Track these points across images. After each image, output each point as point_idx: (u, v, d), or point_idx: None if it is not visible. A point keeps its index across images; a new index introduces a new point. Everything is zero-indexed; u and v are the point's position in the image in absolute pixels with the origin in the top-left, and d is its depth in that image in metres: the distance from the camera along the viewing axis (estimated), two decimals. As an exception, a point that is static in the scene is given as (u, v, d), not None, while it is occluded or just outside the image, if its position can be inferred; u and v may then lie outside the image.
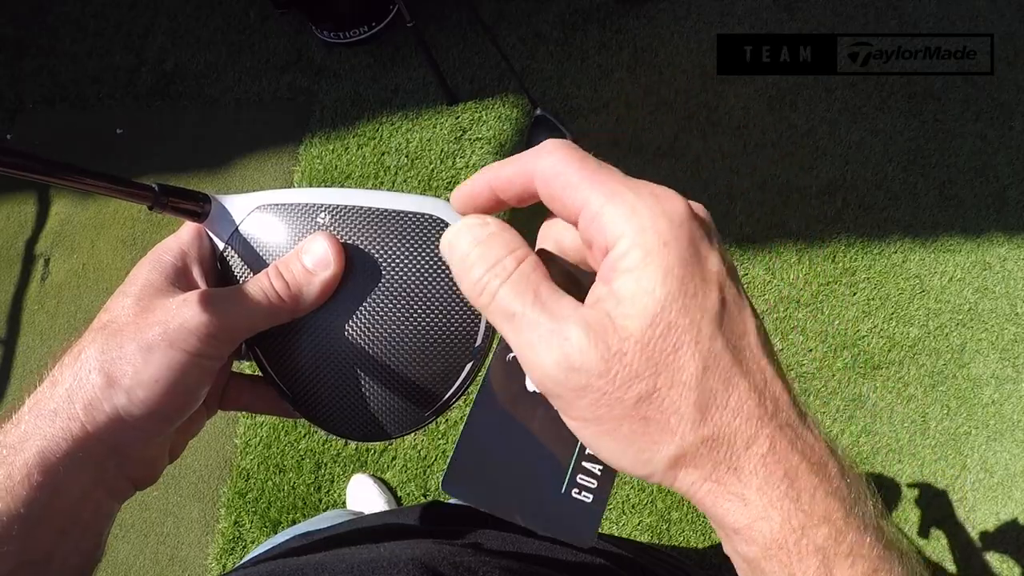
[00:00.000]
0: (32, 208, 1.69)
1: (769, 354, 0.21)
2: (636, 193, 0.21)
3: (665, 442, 0.20)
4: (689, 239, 0.20)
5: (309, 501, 1.35)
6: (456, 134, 1.61)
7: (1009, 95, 1.57)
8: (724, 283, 0.21)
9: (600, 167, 0.22)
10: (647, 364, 0.20)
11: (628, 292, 0.20)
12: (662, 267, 0.20)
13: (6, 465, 0.23)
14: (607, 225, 0.21)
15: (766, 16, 1.66)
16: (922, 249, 1.46)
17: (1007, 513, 1.28)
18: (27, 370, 1.54)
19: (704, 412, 0.20)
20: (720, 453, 0.20)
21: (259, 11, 1.80)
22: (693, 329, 0.20)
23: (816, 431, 0.21)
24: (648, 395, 0.20)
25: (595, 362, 0.20)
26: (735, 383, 0.20)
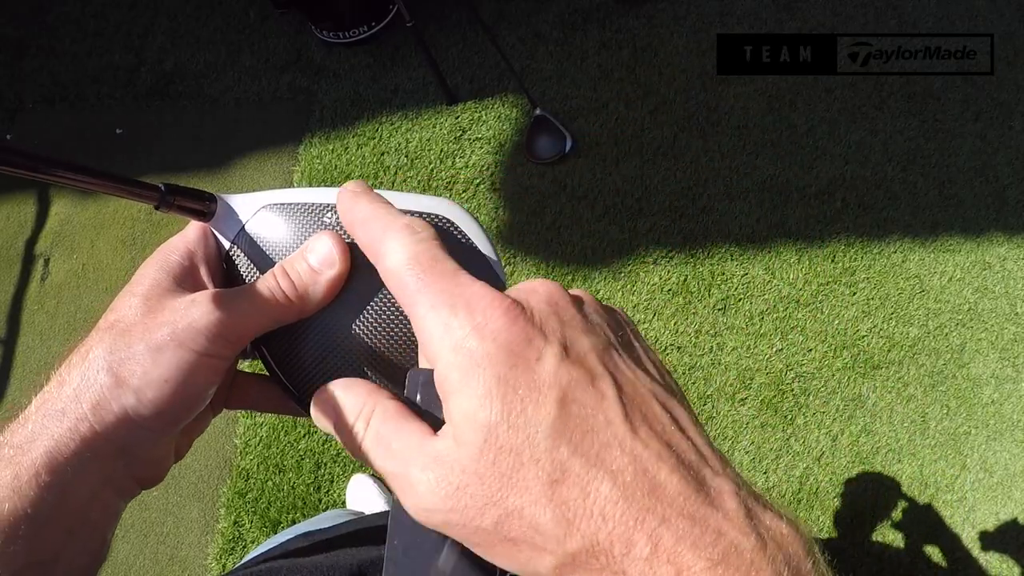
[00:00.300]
0: (32, 208, 1.69)
1: (649, 432, 0.19)
2: (451, 308, 0.20)
3: (538, 558, 0.19)
4: (508, 351, 0.19)
5: (309, 501, 1.35)
6: (456, 134, 1.61)
7: (1009, 95, 1.57)
8: (567, 379, 0.19)
9: (433, 265, 0.22)
10: (492, 491, 0.19)
11: (458, 416, 0.20)
12: (480, 389, 0.19)
13: (13, 465, 0.23)
14: (427, 342, 0.21)
15: (765, 16, 1.66)
16: (922, 249, 1.46)
17: (1007, 513, 1.28)
18: (27, 370, 1.54)
19: (568, 525, 0.18)
20: (601, 561, 0.18)
21: (259, 11, 1.80)
22: (528, 446, 0.19)
23: (729, 505, 0.18)
24: (505, 518, 0.19)
25: (442, 500, 0.20)
26: (595, 487, 0.18)
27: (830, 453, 1.33)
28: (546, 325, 0.20)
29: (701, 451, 0.20)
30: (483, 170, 1.58)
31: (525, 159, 1.57)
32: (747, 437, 1.35)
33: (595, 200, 1.53)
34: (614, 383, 0.20)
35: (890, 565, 1.26)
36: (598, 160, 1.56)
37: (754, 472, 1.33)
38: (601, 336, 0.21)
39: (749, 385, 1.38)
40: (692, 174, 1.53)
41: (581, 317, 0.22)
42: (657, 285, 1.46)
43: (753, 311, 1.43)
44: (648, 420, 0.20)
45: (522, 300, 0.21)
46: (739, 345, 1.41)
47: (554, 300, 0.22)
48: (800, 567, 0.18)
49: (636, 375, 0.21)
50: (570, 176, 1.55)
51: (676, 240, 1.49)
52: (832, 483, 1.31)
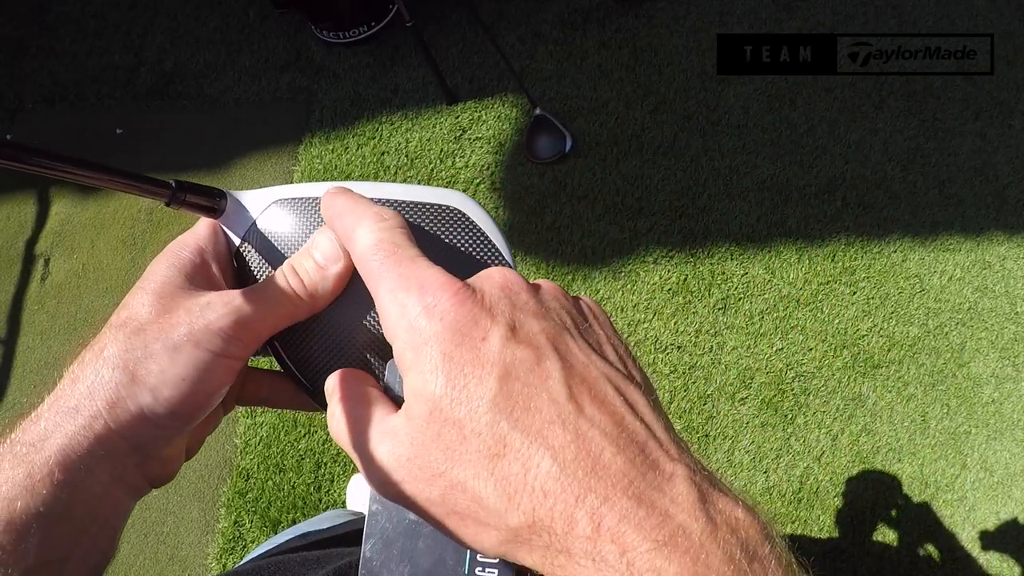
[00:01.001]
0: (32, 208, 1.69)
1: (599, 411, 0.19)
2: (406, 290, 0.21)
3: (484, 532, 0.20)
4: (454, 329, 0.20)
5: (309, 501, 1.35)
6: (456, 134, 1.61)
7: (1009, 94, 1.57)
8: (511, 358, 0.20)
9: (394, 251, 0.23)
10: (437, 462, 0.20)
11: (408, 392, 0.21)
12: (428, 365, 0.20)
13: (26, 463, 0.23)
14: (386, 322, 0.22)
15: (765, 15, 1.66)
16: (922, 248, 1.46)
17: (1007, 512, 1.28)
18: (27, 370, 1.54)
19: (509, 500, 0.19)
20: (543, 538, 0.18)
21: (258, 11, 1.80)
22: (470, 419, 0.19)
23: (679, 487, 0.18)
24: (450, 490, 0.20)
25: (394, 471, 0.20)
26: (535, 462, 0.18)
27: (830, 452, 1.33)
28: (495, 307, 0.21)
29: (656, 434, 0.19)
30: (483, 170, 1.58)
31: (525, 159, 1.57)
32: (747, 436, 1.35)
33: (595, 200, 1.53)
34: (561, 363, 0.20)
35: (890, 564, 1.26)
36: (598, 160, 1.56)
37: (754, 471, 1.33)
38: (554, 321, 0.22)
39: (749, 384, 1.38)
40: (692, 173, 1.53)
41: (535, 302, 0.22)
42: (657, 284, 1.46)
43: (753, 310, 1.43)
44: (597, 400, 0.20)
45: (475, 285, 0.22)
46: (739, 344, 1.41)
47: (508, 286, 0.22)
48: (756, 551, 0.17)
49: (590, 358, 0.21)
50: (570, 176, 1.55)
51: (676, 239, 1.49)
52: (832, 482, 1.31)
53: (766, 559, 0.17)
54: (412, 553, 0.24)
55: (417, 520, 0.24)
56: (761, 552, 0.18)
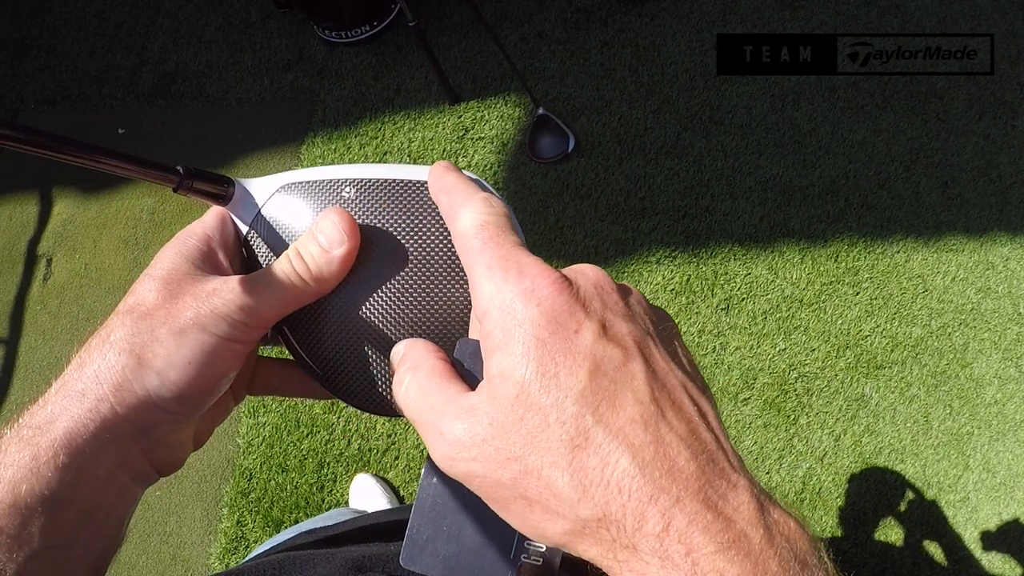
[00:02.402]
0: (34, 208, 1.69)
1: (677, 416, 0.20)
2: (504, 271, 0.22)
3: (550, 520, 0.20)
4: (550, 317, 0.20)
5: (312, 501, 1.35)
6: (459, 133, 1.61)
7: (1012, 94, 1.57)
8: (601, 354, 0.20)
9: (498, 235, 0.23)
10: (515, 446, 0.20)
11: (495, 372, 0.21)
12: (519, 348, 0.20)
13: (32, 446, 0.23)
14: (479, 300, 0.22)
15: (768, 15, 1.66)
16: (925, 249, 1.46)
17: (1009, 513, 1.28)
18: (29, 370, 1.54)
19: (583, 492, 0.19)
20: (612, 531, 0.19)
21: (260, 10, 1.80)
22: (556, 409, 0.19)
23: (742, 497, 0.19)
24: (523, 475, 0.20)
25: (467, 448, 0.20)
26: (614, 459, 0.19)
27: (833, 453, 1.33)
28: (589, 303, 0.21)
29: (722, 445, 0.20)
30: (486, 169, 1.57)
31: (528, 158, 1.57)
32: (750, 437, 1.35)
33: (598, 199, 1.53)
34: (646, 367, 0.21)
35: (893, 565, 1.26)
36: (601, 159, 1.56)
37: (757, 471, 1.33)
38: (640, 325, 0.22)
39: (752, 385, 1.38)
40: (695, 173, 1.53)
41: (623, 305, 0.22)
42: (660, 285, 1.46)
43: (756, 311, 1.43)
44: (675, 406, 0.20)
45: (571, 277, 0.22)
46: (742, 345, 1.41)
47: (600, 284, 0.23)
48: (807, 560, 0.19)
49: (669, 366, 0.21)
50: (573, 175, 1.55)
51: (679, 240, 1.49)
52: (835, 483, 1.31)
53: (815, 568, 0.19)
54: (460, 531, 0.24)
55: (470, 499, 0.24)
56: (811, 562, 0.19)
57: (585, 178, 1.54)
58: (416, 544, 0.24)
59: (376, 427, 1.38)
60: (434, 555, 0.24)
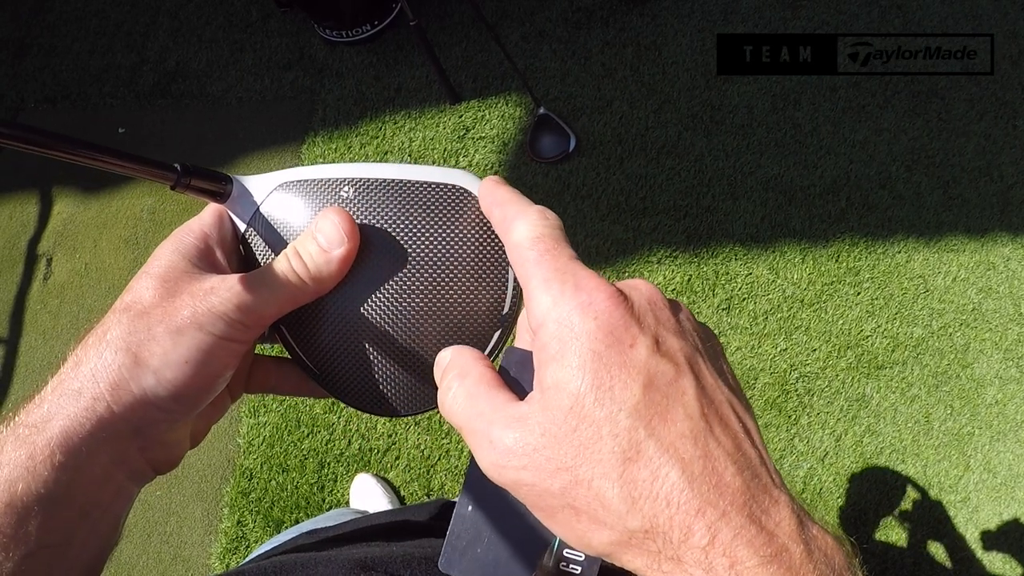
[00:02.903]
0: (35, 208, 1.69)
1: (724, 433, 0.20)
2: (562, 283, 0.22)
3: (597, 530, 0.20)
4: (606, 330, 0.21)
5: (312, 500, 1.35)
6: (459, 133, 1.61)
7: (1014, 94, 1.57)
8: (655, 369, 0.20)
9: (554, 247, 0.23)
10: (567, 456, 0.20)
11: (549, 383, 0.21)
12: (575, 360, 0.20)
13: (28, 445, 0.23)
14: (535, 312, 0.22)
15: (770, 15, 1.66)
16: (926, 249, 1.46)
17: (1010, 513, 1.28)
18: (30, 370, 1.54)
19: (632, 503, 0.19)
20: (658, 543, 0.19)
21: (261, 9, 1.80)
22: (609, 421, 0.20)
23: (783, 513, 0.19)
24: (573, 486, 0.20)
25: (518, 457, 0.21)
26: (664, 472, 0.19)
27: (834, 453, 1.33)
28: (643, 318, 0.22)
29: (765, 462, 0.21)
30: (487, 169, 1.57)
31: (529, 158, 1.56)
32: (751, 437, 1.35)
33: (599, 199, 1.52)
34: (696, 383, 0.21)
35: (894, 565, 1.26)
36: (602, 159, 1.56)
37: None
38: (690, 341, 0.22)
39: (753, 385, 1.38)
40: (696, 173, 1.53)
41: (675, 321, 0.23)
42: (661, 284, 1.46)
43: (757, 311, 1.43)
44: (723, 422, 0.21)
45: (626, 292, 0.22)
46: (743, 345, 1.41)
47: (654, 300, 0.23)
48: (842, 574, 0.19)
49: (717, 382, 0.22)
50: (574, 175, 1.55)
51: (680, 239, 1.48)
52: (836, 483, 1.31)
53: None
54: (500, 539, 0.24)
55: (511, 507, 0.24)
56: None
57: (586, 178, 1.54)
58: (456, 549, 0.25)
59: (377, 427, 1.38)
60: (472, 561, 0.24)
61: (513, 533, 0.24)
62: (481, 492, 0.25)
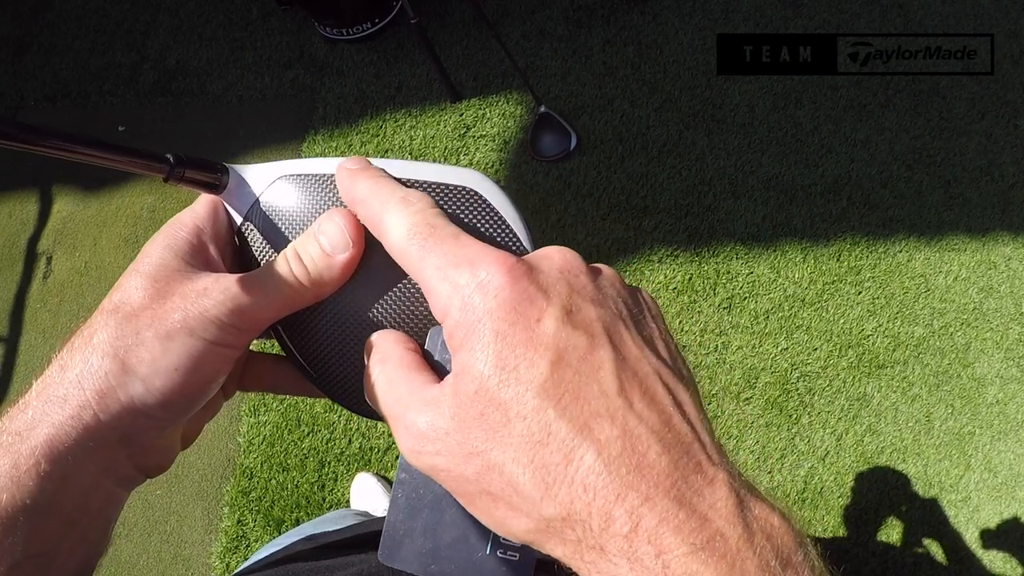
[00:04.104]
0: (34, 206, 1.69)
1: (648, 407, 0.19)
2: (456, 267, 0.21)
3: (514, 517, 0.19)
4: (508, 307, 0.19)
5: (313, 500, 1.35)
6: (460, 131, 1.61)
7: (1014, 93, 1.56)
8: (564, 342, 0.19)
9: (431, 232, 0.22)
10: (477, 441, 0.19)
11: (457, 367, 0.20)
12: (479, 343, 0.19)
13: (12, 453, 0.22)
14: (436, 303, 0.21)
15: (771, 14, 1.66)
16: (927, 248, 1.46)
17: (1010, 513, 1.28)
18: (30, 368, 1.54)
19: (547, 490, 0.18)
20: (577, 531, 0.18)
21: (261, 7, 1.79)
22: (515, 403, 0.19)
23: (720, 492, 0.18)
24: (486, 471, 0.19)
25: (430, 442, 0.20)
26: (579, 454, 0.18)
27: (835, 452, 1.33)
28: (552, 288, 0.20)
29: (700, 437, 0.19)
30: (487, 168, 1.57)
31: (529, 157, 1.56)
32: (752, 436, 1.35)
33: (600, 198, 1.52)
34: (615, 354, 0.20)
35: (894, 564, 1.25)
36: (603, 158, 1.55)
37: (759, 471, 1.32)
38: (611, 308, 0.21)
39: (754, 384, 1.38)
40: (697, 172, 1.53)
41: (594, 287, 0.21)
42: (662, 283, 1.46)
43: (758, 310, 1.43)
44: (647, 396, 0.19)
45: (532, 262, 0.21)
46: (744, 344, 1.40)
47: (568, 267, 0.21)
48: (790, 558, 0.18)
49: (643, 352, 0.20)
50: (575, 174, 1.54)
51: (681, 238, 1.48)
52: (837, 482, 1.31)
53: (800, 566, 0.18)
54: (436, 526, 0.24)
55: (445, 494, 0.24)
56: (795, 559, 0.18)
57: (587, 176, 1.54)
58: (393, 540, 0.24)
59: (377, 426, 1.38)
60: (411, 550, 0.24)
61: (450, 520, 0.24)
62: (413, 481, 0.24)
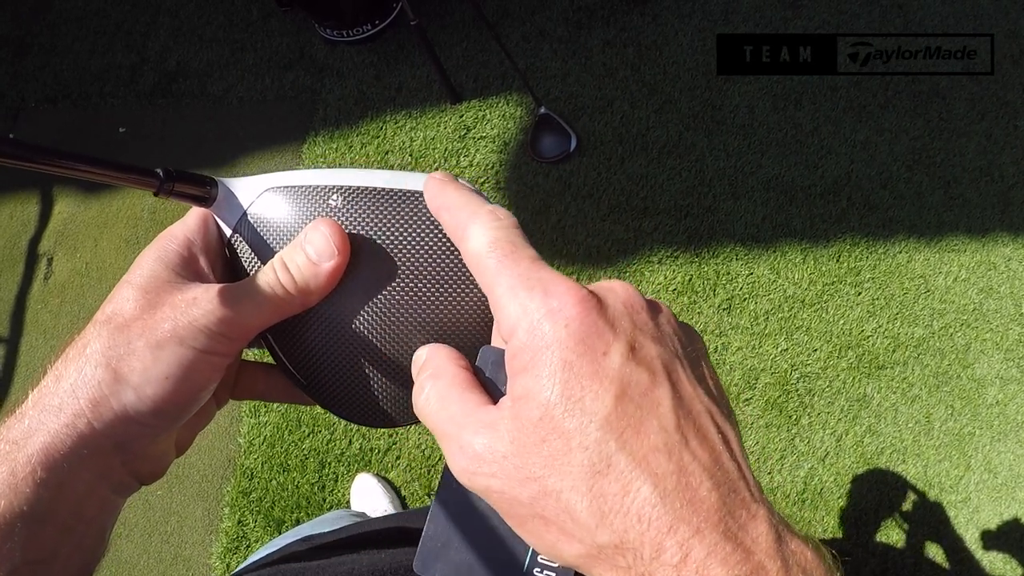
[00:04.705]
0: (35, 207, 1.69)
1: (701, 445, 0.20)
2: (529, 290, 0.21)
3: (566, 542, 0.20)
4: (578, 338, 0.20)
5: (313, 500, 1.35)
6: (460, 132, 1.61)
7: (1014, 94, 1.56)
8: (628, 378, 0.20)
9: (513, 251, 0.22)
10: (536, 467, 0.20)
11: (520, 393, 0.21)
12: (546, 370, 0.20)
13: (9, 461, 0.22)
14: (503, 321, 0.22)
15: (771, 14, 1.66)
16: (927, 249, 1.46)
17: (1010, 513, 1.28)
18: (31, 369, 1.54)
19: (602, 518, 0.19)
20: (628, 559, 0.19)
21: (261, 9, 1.80)
22: (579, 433, 0.19)
23: (761, 528, 0.19)
24: (541, 496, 0.20)
25: (487, 464, 0.20)
26: (636, 486, 0.19)
27: (835, 453, 1.33)
28: (618, 323, 0.21)
29: (744, 475, 0.20)
30: (487, 169, 1.57)
31: (530, 158, 1.56)
32: (752, 437, 1.35)
33: (600, 199, 1.52)
34: (673, 392, 0.20)
35: (894, 565, 1.26)
36: (603, 159, 1.55)
37: (759, 472, 1.33)
38: (669, 347, 0.22)
39: (754, 385, 1.38)
40: (697, 173, 1.53)
41: (653, 325, 0.22)
42: (662, 284, 1.46)
43: (758, 311, 1.43)
44: (700, 434, 0.20)
45: (600, 295, 0.22)
46: (744, 345, 1.41)
47: (631, 302, 0.22)
48: None
49: (696, 391, 0.21)
50: (575, 175, 1.55)
51: (681, 239, 1.48)
52: (837, 483, 1.31)
53: None
54: (475, 542, 0.24)
55: (486, 511, 0.24)
56: None
57: (587, 177, 1.54)
58: (430, 551, 0.24)
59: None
60: (447, 563, 0.24)
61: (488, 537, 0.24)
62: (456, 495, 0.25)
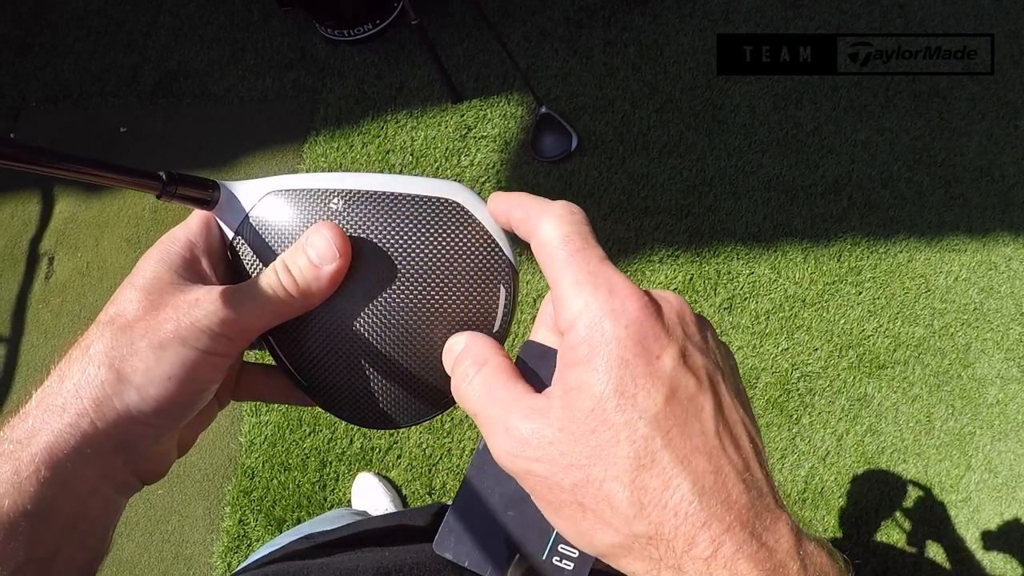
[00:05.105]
0: (36, 207, 1.69)
1: (735, 451, 0.21)
2: (594, 287, 0.22)
3: (601, 530, 0.21)
4: (636, 339, 0.21)
5: (314, 499, 1.35)
6: (461, 132, 1.61)
7: (1015, 94, 1.57)
8: (678, 382, 0.21)
9: (584, 247, 0.23)
10: (582, 455, 0.21)
11: (573, 384, 0.21)
12: (602, 365, 0.21)
13: (13, 461, 0.23)
14: (565, 313, 0.23)
15: (771, 14, 1.66)
16: (927, 248, 1.46)
17: (1011, 513, 1.28)
18: (31, 368, 1.54)
19: (640, 509, 0.20)
20: (660, 550, 0.20)
21: (262, 9, 1.80)
22: (628, 427, 0.20)
23: (783, 530, 0.20)
24: (583, 483, 0.21)
25: (533, 448, 0.21)
26: (676, 483, 0.20)
27: (835, 453, 1.33)
28: (672, 330, 0.22)
29: (770, 482, 0.22)
30: (488, 168, 1.57)
31: (530, 157, 1.56)
32: (752, 436, 1.35)
33: (601, 198, 1.52)
34: (715, 400, 0.22)
35: (894, 565, 1.26)
36: (604, 158, 1.56)
37: (759, 471, 1.33)
38: (712, 359, 0.23)
39: (755, 384, 1.38)
40: (698, 172, 1.53)
41: (701, 337, 0.23)
42: (663, 284, 1.46)
43: (759, 310, 1.43)
44: (735, 441, 0.21)
45: (658, 301, 0.23)
46: (745, 344, 1.41)
47: (683, 313, 0.23)
48: None
49: (733, 402, 0.23)
50: (576, 174, 1.55)
51: (682, 239, 1.49)
52: (837, 482, 1.31)
53: None
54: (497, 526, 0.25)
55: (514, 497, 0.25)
56: None
57: (588, 177, 1.54)
58: (452, 532, 0.25)
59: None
60: (466, 544, 0.25)
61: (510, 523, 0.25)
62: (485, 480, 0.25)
